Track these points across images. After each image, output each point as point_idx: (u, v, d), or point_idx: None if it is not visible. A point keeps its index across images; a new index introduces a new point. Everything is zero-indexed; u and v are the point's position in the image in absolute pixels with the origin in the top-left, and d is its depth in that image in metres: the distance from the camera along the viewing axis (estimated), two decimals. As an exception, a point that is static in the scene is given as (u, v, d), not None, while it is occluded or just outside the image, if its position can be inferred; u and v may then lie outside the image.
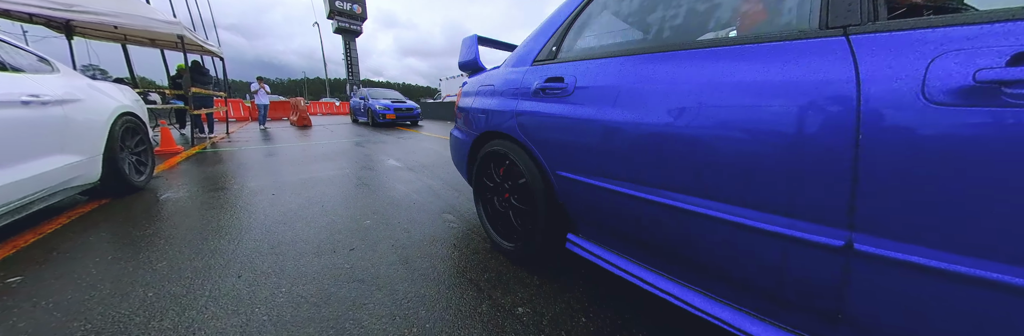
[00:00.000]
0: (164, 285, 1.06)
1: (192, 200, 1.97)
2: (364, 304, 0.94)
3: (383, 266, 1.17)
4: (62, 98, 1.53)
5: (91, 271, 1.14)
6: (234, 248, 1.33)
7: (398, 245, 1.36)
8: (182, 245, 1.36)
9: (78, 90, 1.70)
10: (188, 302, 0.97)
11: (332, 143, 4.79)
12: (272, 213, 1.75)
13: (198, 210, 1.80)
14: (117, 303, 0.96)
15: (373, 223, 1.61)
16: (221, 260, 1.23)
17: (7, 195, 1.22)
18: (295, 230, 1.52)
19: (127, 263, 1.20)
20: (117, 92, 2.09)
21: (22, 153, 1.30)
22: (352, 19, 29.24)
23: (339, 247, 1.33)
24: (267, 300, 0.97)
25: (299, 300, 0.96)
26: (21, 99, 1.31)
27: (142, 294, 1.01)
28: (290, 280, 1.08)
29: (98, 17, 3.30)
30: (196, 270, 1.16)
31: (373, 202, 1.95)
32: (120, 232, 1.49)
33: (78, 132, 1.60)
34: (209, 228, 1.54)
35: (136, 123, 2.16)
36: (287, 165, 3.09)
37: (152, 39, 4.92)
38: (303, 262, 1.21)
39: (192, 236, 1.45)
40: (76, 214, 1.71)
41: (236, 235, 1.46)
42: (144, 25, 3.56)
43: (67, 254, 1.27)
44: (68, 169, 1.52)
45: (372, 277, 1.09)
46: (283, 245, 1.36)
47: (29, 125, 1.33)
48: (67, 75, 1.77)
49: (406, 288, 1.02)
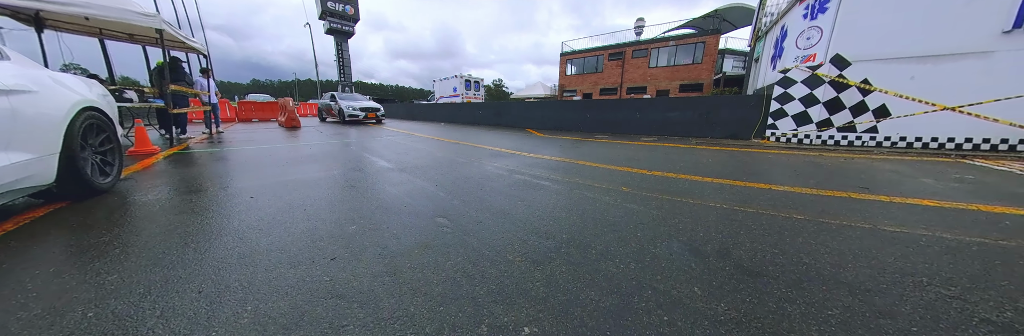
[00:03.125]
0: (109, 303, 0.91)
1: (161, 204, 1.81)
2: (342, 326, 0.81)
3: (367, 278, 1.05)
4: (9, 88, 1.37)
5: (26, 286, 0.99)
6: (200, 258, 1.19)
7: (386, 253, 1.23)
8: (140, 254, 1.21)
9: (31, 81, 1.53)
10: (133, 324, 0.82)
11: (320, 144, 4.61)
12: (248, 218, 1.60)
13: (166, 215, 1.64)
14: (46, 327, 0.81)
15: (359, 229, 1.48)
16: (182, 272, 1.09)
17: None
18: (272, 237, 1.38)
19: (71, 276, 1.05)
20: (81, 86, 1.92)
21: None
22: (344, 20, 28.94)
23: (319, 256, 1.20)
24: (228, 321, 0.83)
25: (266, 321, 0.83)
26: (-46, 89, 1.15)
27: (80, 314, 0.86)
28: (259, 296, 0.95)
29: (67, 7, 3.11)
30: (151, 284, 1.01)
31: (360, 205, 1.82)
32: (71, 240, 1.33)
33: (28, 127, 1.44)
34: (175, 235, 1.39)
35: (101, 120, 1.98)
36: (270, 167, 2.92)
37: (130, 34, 4.70)
38: (276, 274, 1.07)
39: (154, 244, 1.30)
40: (25, 219, 1.53)
41: (204, 243, 1.31)
42: (119, 16, 3.37)
43: (5, 266, 1.11)
44: (13, 169, 1.35)
45: (354, 292, 0.97)
46: (256, 254, 1.22)
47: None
48: (19, 64, 1.60)
49: (392, 305, 0.90)
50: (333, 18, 28.30)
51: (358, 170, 2.81)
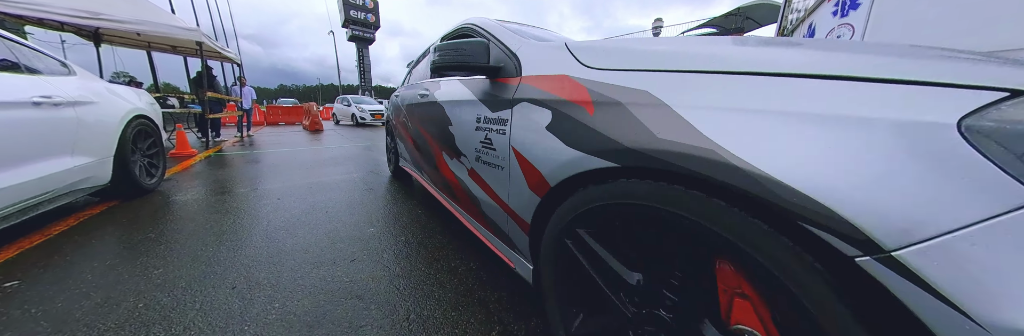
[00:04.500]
0: (156, 295, 1.01)
1: (199, 204, 1.95)
2: (360, 326, 0.86)
3: (385, 281, 1.10)
4: (75, 100, 1.54)
5: (87, 277, 1.10)
6: (233, 256, 1.28)
7: (402, 256, 1.28)
8: (181, 251, 1.32)
9: (92, 93, 1.71)
10: (176, 316, 0.91)
11: (341, 147, 4.81)
12: (275, 219, 1.71)
13: (203, 214, 1.77)
14: (105, 314, 0.91)
15: (378, 231, 1.54)
16: (218, 268, 1.18)
17: (12, 196, 1.20)
18: (296, 237, 1.46)
19: (123, 269, 1.16)
20: (132, 95, 2.12)
21: (30, 154, 1.29)
22: (365, 28, 30.19)
23: (340, 258, 1.27)
24: (258, 317, 0.90)
25: (291, 319, 0.89)
26: (32, 100, 1.31)
27: (132, 304, 0.96)
28: (285, 294, 1.02)
29: (122, 25, 3.43)
30: (191, 279, 1.11)
31: (377, 208, 1.89)
32: (123, 236, 1.46)
33: (89, 134, 1.61)
34: (211, 233, 1.50)
35: (149, 126, 2.17)
36: (295, 169, 3.08)
37: (173, 46, 5.10)
38: (301, 274, 1.14)
39: (193, 242, 1.41)
40: (85, 215, 1.70)
41: (237, 242, 1.41)
42: (165, 32, 3.68)
43: (67, 258, 1.24)
44: (78, 171, 1.51)
45: (372, 293, 1.02)
46: (282, 254, 1.30)
47: (38, 126, 1.33)
48: (83, 78, 1.79)
49: (408, 307, 0.94)
50: (355, 26, 29.58)
51: (375, 173, 2.92)
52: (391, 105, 2.53)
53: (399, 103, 2.17)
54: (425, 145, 1.52)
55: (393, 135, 2.53)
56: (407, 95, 1.95)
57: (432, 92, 1.41)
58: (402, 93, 2.18)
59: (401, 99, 2.12)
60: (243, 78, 6.35)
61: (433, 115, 1.34)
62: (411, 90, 1.89)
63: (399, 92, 2.35)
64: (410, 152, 1.94)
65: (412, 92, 1.82)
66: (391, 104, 2.53)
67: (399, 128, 2.17)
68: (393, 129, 2.47)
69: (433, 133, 1.36)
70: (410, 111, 1.78)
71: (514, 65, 0.84)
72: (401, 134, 2.12)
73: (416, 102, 1.64)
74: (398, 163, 2.49)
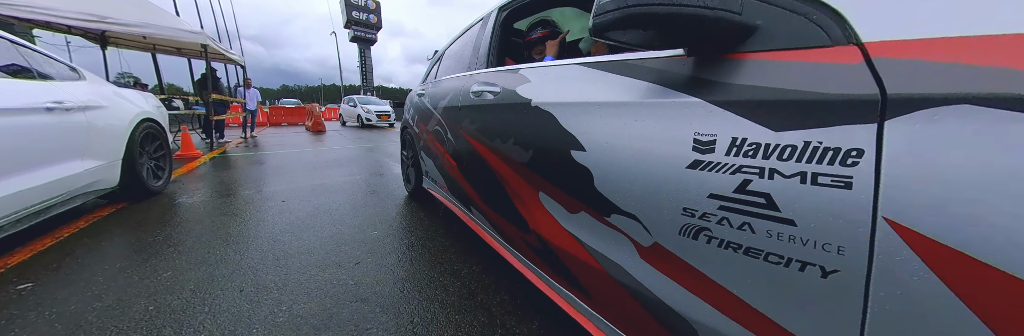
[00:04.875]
0: (165, 297, 1.03)
1: (205, 206, 1.98)
2: (366, 329, 0.88)
3: (389, 284, 1.11)
4: (85, 105, 1.57)
5: (98, 279, 1.13)
6: (239, 258, 1.31)
7: (406, 259, 1.30)
8: (189, 253, 1.34)
9: (101, 97, 1.74)
10: (186, 318, 0.93)
11: (343, 148, 4.84)
12: (280, 221, 1.73)
13: (209, 216, 1.80)
14: (117, 317, 0.93)
15: (381, 234, 1.56)
16: (225, 271, 1.20)
17: (26, 200, 1.23)
18: (302, 240, 1.48)
19: (133, 271, 1.19)
20: (140, 99, 2.15)
21: (43, 158, 1.32)
22: (367, 28, 30.29)
23: (345, 261, 1.29)
24: (266, 319, 0.92)
25: (299, 321, 0.91)
26: (45, 106, 1.34)
27: (143, 307, 0.98)
28: (292, 297, 1.04)
29: (129, 28, 3.47)
30: (199, 281, 1.13)
31: (380, 210, 1.91)
32: (132, 238, 1.49)
33: (99, 138, 1.63)
34: (217, 236, 1.52)
35: (156, 129, 2.21)
36: (299, 170, 3.11)
37: (178, 48, 5.14)
38: (307, 277, 1.16)
39: (200, 244, 1.43)
40: (94, 218, 1.73)
41: (243, 244, 1.44)
42: (171, 35, 3.72)
43: (79, 260, 1.27)
44: (88, 174, 1.54)
45: (377, 296, 1.04)
46: (289, 257, 1.32)
47: (51, 131, 1.36)
48: (93, 83, 1.82)
49: (412, 310, 0.96)
50: (357, 27, 29.69)
51: (378, 175, 2.94)
52: (411, 107, 1.94)
53: (426, 105, 1.58)
54: (489, 174, 0.95)
55: (412, 146, 1.92)
56: (442, 93, 1.41)
57: (516, 88, 0.85)
58: (430, 91, 1.62)
59: (430, 99, 1.56)
60: (249, 80, 6.42)
61: (520, 128, 0.80)
62: (450, 86, 1.35)
63: (424, 89, 1.76)
64: (446, 174, 1.38)
65: (453, 88, 1.29)
66: (411, 106, 1.93)
67: (426, 138, 1.59)
68: (413, 138, 1.87)
69: (520, 159, 0.80)
70: (452, 117, 1.24)
71: (834, 21, 0.35)
72: (430, 147, 1.54)
73: (468, 104, 1.10)
74: (420, 183, 1.89)
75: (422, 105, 1.68)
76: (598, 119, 0.59)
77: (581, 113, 0.63)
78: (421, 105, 1.70)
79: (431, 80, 1.87)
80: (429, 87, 1.71)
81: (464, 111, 1.15)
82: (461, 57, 1.47)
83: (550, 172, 0.71)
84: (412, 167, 2.02)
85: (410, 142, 2.01)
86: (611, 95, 0.58)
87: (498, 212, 0.98)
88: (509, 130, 0.85)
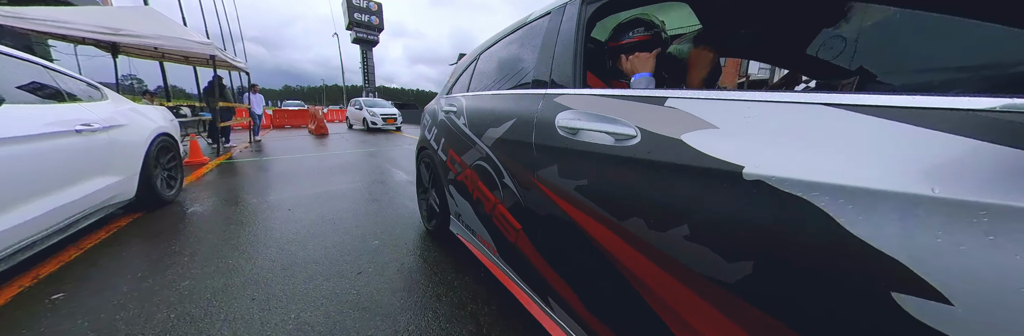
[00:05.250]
0: (185, 306, 1.13)
1: (215, 215, 2.09)
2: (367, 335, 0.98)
3: (388, 293, 1.22)
4: (109, 124, 1.69)
5: (123, 289, 1.24)
6: (251, 267, 1.41)
7: (404, 269, 1.40)
8: (204, 262, 1.45)
9: (122, 115, 1.86)
10: (206, 326, 1.03)
11: (346, 153, 4.96)
12: (287, 230, 1.84)
13: (220, 226, 1.91)
14: (142, 324, 1.04)
15: (382, 244, 1.67)
16: (238, 280, 1.31)
17: (60, 215, 1.35)
18: (307, 250, 1.59)
19: (154, 281, 1.29)
20: (156, 114, 2.27)
21: (75, 176, 1.44)
22: (369, 30, 30.60)
23: (347, 271, 1.39)
24: (278, 326, 1.03)
25: (306, 329, 1.02)
26: (76, 128, 1.45)
27: (165, 316, 1.08)
28: (300, 305, 1.14)
29: (142, 40, 3.61)
30: (215, 290, 1.23)
31: (382, 220, 2.02)
32: (150, 248, 1.60)
33: (120, 154, 1.75)
34: (229, 245, 1.63)
35: (169, 142, 2.33)
36: (303, 178, 3.22)
37: (186, 57, 5.30)
38: (313, 286, 1.27)
39: (214, 253, 1.54)
40: (114, 228, 1.85)
41: (253, 253, 1.54)
42: (181, 46, 3.86)
43: (104, 270, 1.38)
44: (110, 189, 1.66)
45: (377, 305, 1.14)
46: (296, 266, 1.43)
47: (82, 151, 1.48)
48: (114, 101, 1.95)
49: (408, 319, 1.06)
50: (359, 28, 29.98)
51: (380, 183, 3.05)
52: (433, 125, 1.53)
53: (461, 127, 1.21)
54: (607, 266, 0.60)
55: (435, 174, 1.52)
56: (488, 115, 1.05)
57: (681, 136, 0.50)
58: (466, 108, 1.24)
59: (468, 121, 1.18)
60: (256, 86, 6.61)
61: (713, 217, 0.44)
62: (504, 107, 0.99)
63: (454, 104, 1.36)
64: (497, 235, 1.02)
65: (512, 111, 0.93)
66: (433, 123, 1.54)
67: (461, 174, 1.20)
68: (437, 166, 1.45)
69: (711, 274, 0.44)
70: (516, 156, 0.87)
71: None
72: (467, 187, 1.16)
73: (554, 144, 0.73)
74: (445, 224, 1.50)
75: (454, 127, 1.28)
76: (962, 236, 0.27)
77: (902, 214, 0.30)
78: (452, 126, 1.29)
79: (461, 92, 1.46)
80: (463, 102, 1.29)
81: (544, 154, 0.76)
82: (512, 65, 1.09)
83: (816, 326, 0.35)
84: (436, 201, 1.56)
85: (431, 168, 1.58)
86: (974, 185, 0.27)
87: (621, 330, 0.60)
88: (673, 212, 0.48)
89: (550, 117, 0.77)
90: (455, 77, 1.65)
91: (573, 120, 0.69)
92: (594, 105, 0.69)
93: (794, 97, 0.42)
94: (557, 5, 0.90)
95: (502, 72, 1.18)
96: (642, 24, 0.88)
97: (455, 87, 1.61)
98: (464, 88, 1.47)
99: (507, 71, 1.14)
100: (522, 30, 1.09)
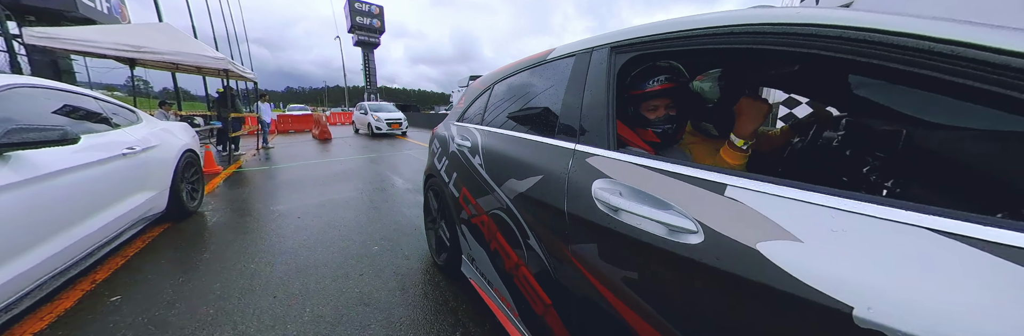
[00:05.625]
0: (220, 304, 1.39)
1: (234, 224, 2.36)
2: (368, 325, 1.23)
3: (385, 291, 1.47)
4: (145, 146, 1.96)
5: (168, 291, 1.50)
6: (270, 271, 1.67)
7: (399, 272, 1.65)
8: (231, 268, 1.70)
9: (155, 136, 2.13)
10: (239, 319, 1.29)
11: (348, 160, 5.23)
12: (298, 237, 2.09)
13: (241, 234, 2.17)
14: (189, 319, 1.29)
15: (381, 249, 1.92)
16: (261, 281, 1.56)
17: (115, 226, 1.61)
18: (317, 254, 1.85)
19: (193, 284, 1.55)
20: (182, 132, 2.54)
21: (122, 193, 1.70)
22: (371, 32, 30.95)
23: (352, 272, 1.64)
24: (296, 318, 1.28)
25: (319, 320, 1.27)
26: (122, 152, 1.72)
27: (206, 311, 1.34)
28: (313, 301, 1.39)
29: (160, 56, 3.90)
30: (243, 290, 1.49)
31: (382, 227, 2.27)
32: (184, 255, 1.86)
33: (155, 171, 2.02)
34: (250, 252, 1.89)
35: (193, 157, 2.60)
36: (310, 186, 3.48)
37: (198, 67, 5.59)
38: (323, 285, 1.52)
39: (239, 259, 1.80)
40: (148, 238, 2.11)
41: (271, 258, 1.80)
42: (196, 61, 4.14)
43: (148, 276, 1.64)
44: (148, 202, 1.92)
45: (376, 302, 1.39)
46: (308, 269, 1.68)
47: (127, 171, 1.74)
48: (148, 123, 2.22)
49: (401, 313, 1.31)
50: (361, 31, 30.33)
51: (381, 190, 3.30)
52: (443, 154, 1.41)
53: (477, 168, 1.10)
54: None
55: (445, 206, 1.39)
56: (507, 160, 0.96)
57: (756, 245, 0.41)
58: (483, 145, 1.13)
59: (485, 162, 1.07)
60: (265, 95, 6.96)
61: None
62: (527, 156, 0.89)
63: (468, 138, 1.25)
64: (520, 301, 0.89)
65: (536, 165, 0.84)
66: (443, 152, 1.42)
67: (477, 219, 1.08)
68: (448, 200, 1.32)
69: None
70: (545, 221, 0.76)
71: None
72: (484, 235, 1.05)
73: (595, 220, 0.62)
74: (456, 263, 1.39)
75: (468, 164, 1.15)
76: None
77: None
78: (466, 164, 1.17)
79: (474, 121, 1.35)
80: (478, 138, 1.17)
81: (580, 227, 0.66)
82: (530, 102, 1.03)
83: None
84: (448, 238, 1.41)
85: (441, 199, 1.44)
86: None
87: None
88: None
89: (585, 184, 0.66)
90: (467, 103, 1.54)
91: (614, 196, 0.58)
92: (637, 178, 0.59)
93: (895, 215, 0.33)
94: (583, 48, 0.84)
95: (520, 108, 1.08)
96: (663, 71, 0.81)
97: (467, 114, 1.49)
98: (477, 118, 1.36)
99: (526, 109, 1.05)
100: (544, 67, 1.02)
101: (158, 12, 7.42)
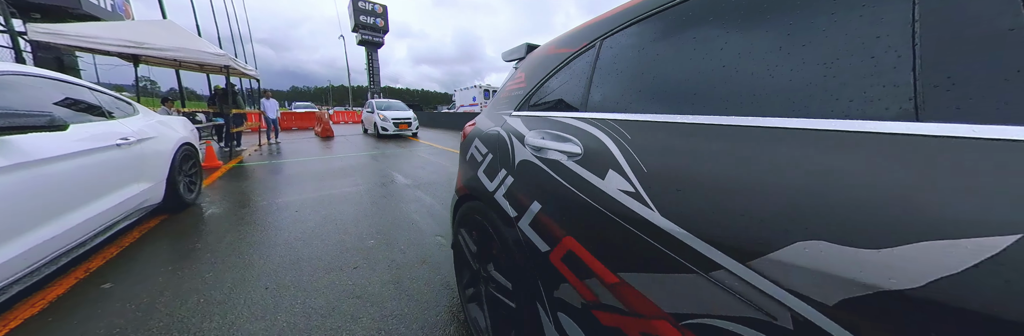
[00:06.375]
0: (211, 293, 1.37)
1: (231, 216, 2.34)
2: (359, 318, 1.20)
3: (378, 285, 1.44)
4: (141, 137, 1.94)
5: (159, 279, 1.48)
6: (264, 262, 1.65)
7: (394, 265, 1.62)
8: (224, 258, 1.69)
9: (151, 128, 2.12)
10: (229, 308, 1.26)
11: (349, 156, 5.22)
12: (294, 230, 2.07)
13: (236, 226, 2.15)
14: (179, 306, 1.27)
15: (376, 243, 1.89)
16: (254, 272, 1.54)
17: (108, 216, 1.60)
18: (312, 247, 1.82)
19: (184, 273, 1.53)
20: (180, 125, 2.54)
21: (115, 184, 1.69)
22: (375, 32, 31.08)
23: (346, 265, 1.62)
24: (287, 309, 1.25)
25: (310, 311, 1.24)
26: (116, 142, 1.70)
27: (196, 300, 1.32)
28: (305, 293, 1.37)
29: (163, 52, 3.91)
30: (235, 281, 1.47)
31: (378, 221, 2.24)
32: (177, 245, 1.85)
33: (151, 163, 2.01)
34: (244, 243, 1.87)
35: (191, 150, 2.59)
36: (309, 181, 3.47)
37: (201, 65, 5.62)
38: (316, 277, 1.50)
39: (231, 250, 1.78)
40: (145, 229, 2.10)
41: (265, 250, 1.78)
42: (198, 58, 4.15)
43: (141, 264, 1.63)
44: (143, 194, 1.91)
45: (368, 294, 1.36)
46: (301, 261, 1.66)
47: (121, 161, 1.73)
48: (144, 116, 2.21)
49: (393, 306, 1.28)
50: (365, 31, 30.47)
51: (380, 185, 3.28)
52: (503, 166, 0.86)
53: (630, 198, 0.50)
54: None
55: (517, 270, 0.74)
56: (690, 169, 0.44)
57: None
58: (650, 145, 0.53)
59: (654, 178, 0.49)
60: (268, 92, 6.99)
61: None
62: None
63: (577, 135, 0.67)
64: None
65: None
66: (502, 162, 0.88)
67: (617, 310, 0.50)
68: (524, 256, 0.72)
69: None
70: None
71: None
72: None
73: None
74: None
75: (580, 188, 0.61)
76: None
77: None
78: (575, 188, 0.62)
79: (557, 106, 0.82)
80: (602, 136, 0.62)
81: None
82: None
83: None
84: (486, 315, 0.94)
85: (504, 252, 0.80)
86: None
87: None
88: None
89: None
90: (539, 79, 0.92)
91: None
92: None
93: None
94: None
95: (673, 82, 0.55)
96: None
97: (538, 98, 0.90)
98: (577, 100, 0.76)
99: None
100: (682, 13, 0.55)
101: (162, 10, 7.48)
